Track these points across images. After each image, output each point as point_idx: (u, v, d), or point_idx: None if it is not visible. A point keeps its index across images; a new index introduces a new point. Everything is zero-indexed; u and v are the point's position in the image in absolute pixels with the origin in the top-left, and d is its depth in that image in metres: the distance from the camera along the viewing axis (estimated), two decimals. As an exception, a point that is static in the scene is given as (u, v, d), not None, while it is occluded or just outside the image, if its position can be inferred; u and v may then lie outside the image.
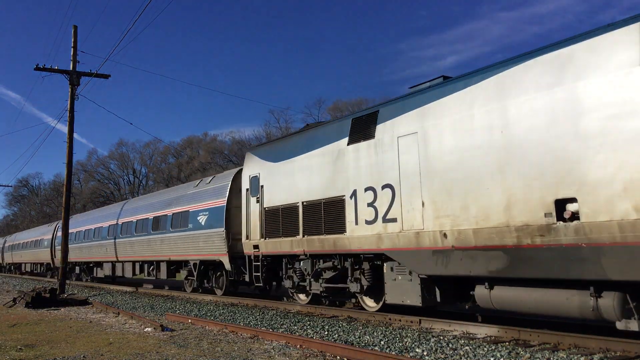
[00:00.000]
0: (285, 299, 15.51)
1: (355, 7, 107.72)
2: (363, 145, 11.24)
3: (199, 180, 20.11)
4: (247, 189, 15.30)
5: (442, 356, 7.37)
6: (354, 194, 11.35)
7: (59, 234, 32.92)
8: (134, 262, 23.60)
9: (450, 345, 8.02)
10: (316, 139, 12.93)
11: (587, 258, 7.11)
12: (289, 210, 13.43)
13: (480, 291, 8.80)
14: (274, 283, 15.49)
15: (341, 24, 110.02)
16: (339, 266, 12.13)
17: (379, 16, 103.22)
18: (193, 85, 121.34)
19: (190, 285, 19.44)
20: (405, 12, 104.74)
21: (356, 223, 11.22)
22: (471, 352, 7.53)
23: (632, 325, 6.95)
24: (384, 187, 10.58)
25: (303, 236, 12.85)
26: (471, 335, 8.93)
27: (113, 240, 25.50)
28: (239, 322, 11.41)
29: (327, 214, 12.10)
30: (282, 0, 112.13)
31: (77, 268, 32.10)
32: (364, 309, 11.96)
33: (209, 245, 17.24)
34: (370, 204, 10.88)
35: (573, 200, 7.37)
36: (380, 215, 10.60)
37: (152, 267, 21.85)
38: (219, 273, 17.71)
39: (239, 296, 17.12)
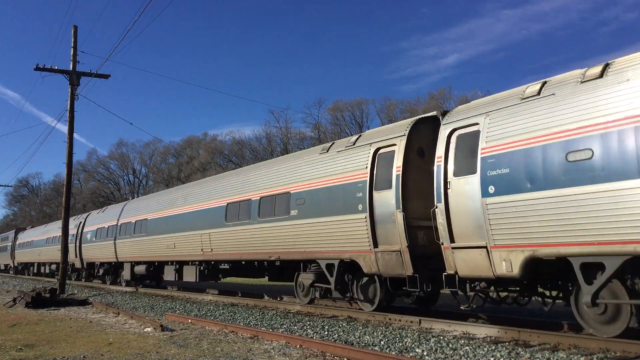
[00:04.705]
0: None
1: (356, 5, 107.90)
2: None
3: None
4: None
5: (442, 356, 7.38)
6: None
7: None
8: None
9: (450, 345, 8.02)
10: None
11: None
12: None
13: None
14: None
15: (342, 23, 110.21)
16: None
17: (380, 14, 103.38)
18: (193, 85, 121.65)
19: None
20: (406, 9, 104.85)
21: None
22: (471, 352, 7.52)
23: None
24: None
25: None
26: (471, 335, 8.93)
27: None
28: (239, 322, 11.40)
29: None
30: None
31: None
32: (362, 309, 11.91)
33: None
34: None
35: None
36: None
37: None
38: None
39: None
